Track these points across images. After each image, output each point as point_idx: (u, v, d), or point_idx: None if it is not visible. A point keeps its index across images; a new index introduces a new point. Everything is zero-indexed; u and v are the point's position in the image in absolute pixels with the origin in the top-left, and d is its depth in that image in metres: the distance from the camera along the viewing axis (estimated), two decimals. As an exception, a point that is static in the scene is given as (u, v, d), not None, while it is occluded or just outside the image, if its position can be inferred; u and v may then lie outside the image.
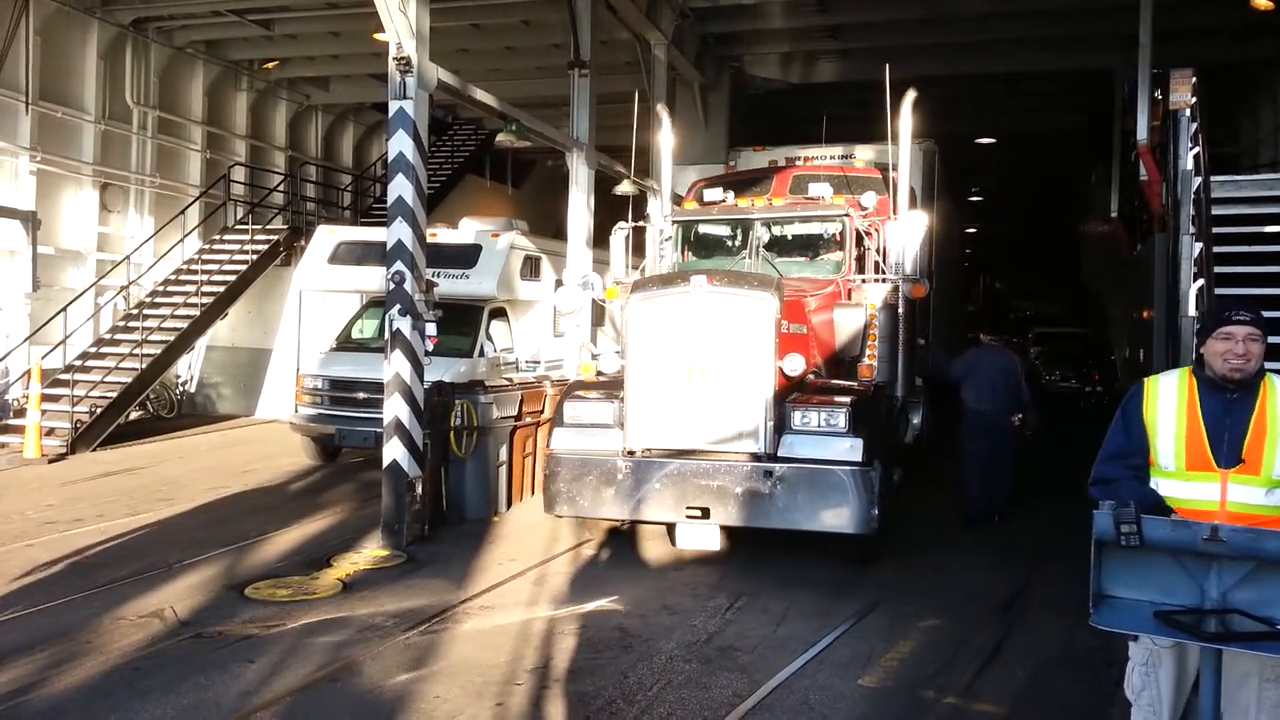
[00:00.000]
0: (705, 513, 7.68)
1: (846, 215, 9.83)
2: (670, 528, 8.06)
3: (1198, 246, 8.36)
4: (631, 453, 7.92)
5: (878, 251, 9.67)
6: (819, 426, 7.66)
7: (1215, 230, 8.75)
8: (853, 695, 5.44)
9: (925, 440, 11.87)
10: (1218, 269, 8.33)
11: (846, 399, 7.88)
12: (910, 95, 9.85)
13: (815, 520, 7.56)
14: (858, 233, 9.81)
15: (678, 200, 11.83)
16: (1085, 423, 17.84)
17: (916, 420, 11.17)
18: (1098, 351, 22.66)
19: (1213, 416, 3.54)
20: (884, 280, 9.42)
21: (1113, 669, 5.83)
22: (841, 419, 7.63)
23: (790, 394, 7.92)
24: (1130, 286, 13.02)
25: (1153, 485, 3.63)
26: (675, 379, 7.83)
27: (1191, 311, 8.07)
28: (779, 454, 7.62)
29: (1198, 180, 8.84)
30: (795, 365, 7.88)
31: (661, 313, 8.00)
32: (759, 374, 7.74)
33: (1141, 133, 10.25)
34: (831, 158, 13.32)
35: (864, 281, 9.60)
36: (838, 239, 9.88)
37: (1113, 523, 3.28)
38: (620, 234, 10.32)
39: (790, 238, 10.09)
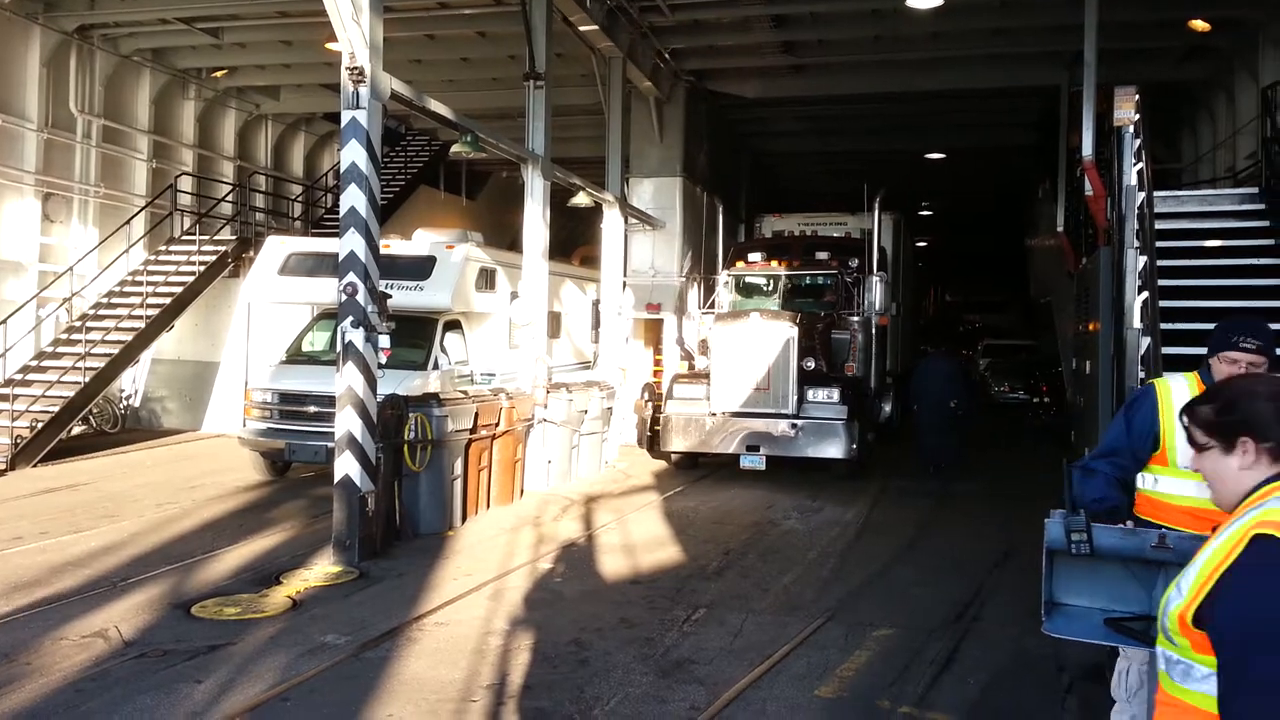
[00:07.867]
0: (757, 449, 12.95)
1: (837, 273, 15.41)
2: (736, 458, 13.12)
3: (1142, 260, 8.55)
4: (714, 414, 13.21)
5: (858, 294, 14.99)
6: (824, 399, 12.96)
7: (1158, 244, 8.96)
8: (809, 706, 5.46)
9: (895, 421, 17.18)
10: (1161, 282, 8.52)
11: (839, 384, 13.27)
12: (880, 193, 15.00)
13: (821, 451, 12.93)
14: (845, 284, 15.26)
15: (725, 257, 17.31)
16: (1033, 433, 18.33)
17: (888, 408, 16.60)
18: (1045, 363, 22.99)
19: None
20: (861, 313, 14.70)
21: (1064, 675, 5.93)
22: (837, 394, 13.00)
23: (806, 381, 13.07)
24: (1077, 299, 13.43)
25: (1150, 483, 3.89)
26: (741, 371, 13.15)
27: (1136, 324, 8.23)
28: (800, 414, 12.94)
29: (1141, 195, 9.05)
30: (809, 364, 13.06)
31: (733, 333, 13.39)
32: (788, 369, 12.99)
33: (1087, 148, 10.47)
34: (829, 224, 19.02)
35: (849, 314, 14.86)
36: (833, 286, 15.40)
37: (1064, 531, 3.33)
38: (694, 286, 15.53)
39: (805, 285, 15.73)
